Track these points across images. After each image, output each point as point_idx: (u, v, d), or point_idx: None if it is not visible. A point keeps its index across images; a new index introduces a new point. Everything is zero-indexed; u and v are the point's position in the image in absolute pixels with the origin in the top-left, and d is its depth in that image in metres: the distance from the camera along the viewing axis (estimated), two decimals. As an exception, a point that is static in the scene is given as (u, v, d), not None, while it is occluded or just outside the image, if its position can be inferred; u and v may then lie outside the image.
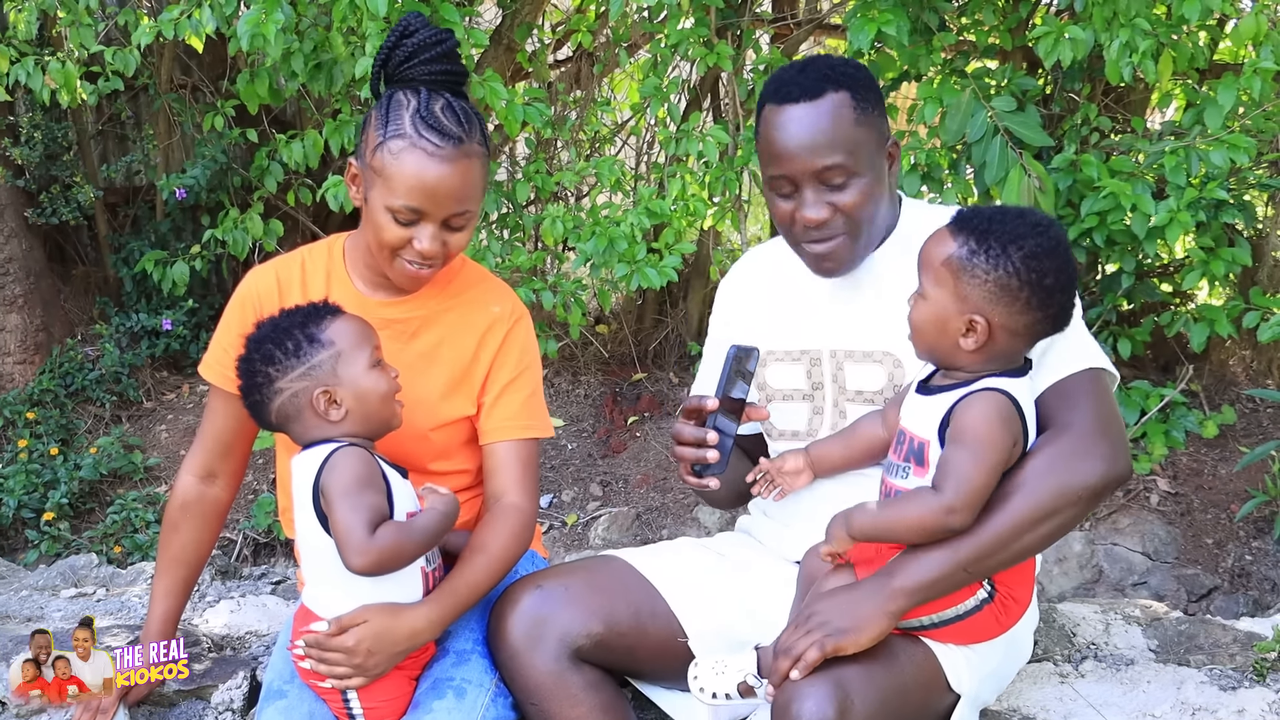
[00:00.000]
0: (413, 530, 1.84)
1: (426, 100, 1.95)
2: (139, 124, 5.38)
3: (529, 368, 2.16)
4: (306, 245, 2.25)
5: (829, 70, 1.96)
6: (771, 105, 1.97)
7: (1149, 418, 4.25)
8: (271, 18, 3.58)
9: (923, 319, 1.82)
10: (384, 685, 1.93)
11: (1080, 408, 1.85)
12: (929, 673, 1.86)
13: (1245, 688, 2.17)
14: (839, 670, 1.75)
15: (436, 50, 1.97)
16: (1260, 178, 4.18)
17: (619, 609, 1.99)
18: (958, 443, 1.77)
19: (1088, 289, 4.52)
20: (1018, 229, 1.77)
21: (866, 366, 2.05)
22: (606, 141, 5.32)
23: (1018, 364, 1.84)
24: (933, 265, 1.81)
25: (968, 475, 1.75)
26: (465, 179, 1.95)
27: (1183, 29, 3.57)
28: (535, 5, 4.73)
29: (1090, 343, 1.96)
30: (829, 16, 4.89)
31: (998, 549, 1.79)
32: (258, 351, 1.91)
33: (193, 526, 2.21)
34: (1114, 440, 1.84)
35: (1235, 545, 4.12)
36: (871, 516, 1.82)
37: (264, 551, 4.69)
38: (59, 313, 5.35)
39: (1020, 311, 1.77)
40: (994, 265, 1.75)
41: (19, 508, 4.64)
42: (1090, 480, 1.80)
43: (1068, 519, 1.81)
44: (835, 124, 1.93)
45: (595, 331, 5.29)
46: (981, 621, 1.87)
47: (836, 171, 1.93)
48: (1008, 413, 1.78)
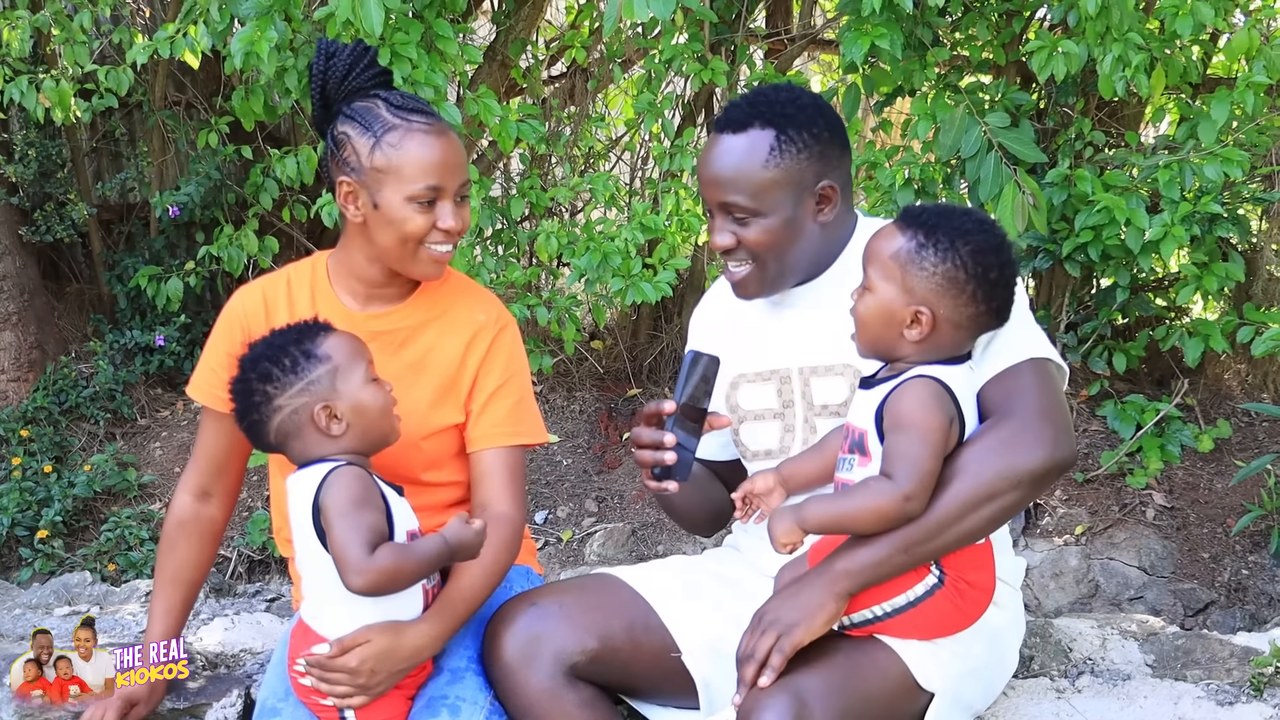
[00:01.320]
0: (412, 553, 1.83)
1: (387, 97, 2.03)
2: (133, 141, 5.37)
3: (515, 375, 2.17)
4: (292, 264, 2.26)
5: (768, 105, 1.98)
6: (712, 132, 2.02)
7: (1144, 432, 4.25)
8: (265, 36, 3.59)
9: (868, 311, 1.86)
10: (381, 704, 1.92)
11: (1022, 395, 1.86)
12: (894, 675, 1.86)
13: (1242, 703, 2.16)
14: (797, 679, 1.77)
15: (365, 59, 2.04)
16: (1254, 192, 4.19)
17: (614, 625, 1.99)
18: (898, 430, 1.80)
19: (1082, 303, 4.53)
20: (964, 225, 1.83)
21: (829, 380, 2.06)
22: (601, 157, 5.33)
23: (958, 356, 1.87)
24: (880, 258, 1.85)
25: (917, 459, 1.77)
26: (459, 149, 2.06)
27: (1175, 43, 3.58)
28: (529, 21, 4.74)
29: (1036, 335, 1.97)
30: (823, 31, 4.90)
31: (939, 531, 1.80)
32: (254, 370, 1.90)
33: (189, 545, 2.21)
34: (1057, 425, 1.84)
35: (1232, 560, 4.12)
36: (826, 508, 1.83)
37: (258, 569, 4.67)
38: (53, 330, 5.34)
39: (965, 304, 1.82)
40: (942, 258, 1.81)
41: (12, 525, 4.62)
42: (1032, 464, 1.80)
43: (1009, 503, 1.81)
44: (742, 162, 1.96)
45: (590, 347, 5.29)
46: (939, 609, 1.87)
47: (735, 208, 1.97)
48: (938, 394, 1.81)
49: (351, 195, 2.04)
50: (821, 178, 1.99)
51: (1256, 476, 4.14)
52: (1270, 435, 4.48)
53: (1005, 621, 2.03)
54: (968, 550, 1.86)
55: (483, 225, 4.33)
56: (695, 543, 4.48)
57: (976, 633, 1.93)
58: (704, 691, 2.01)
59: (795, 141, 1.96)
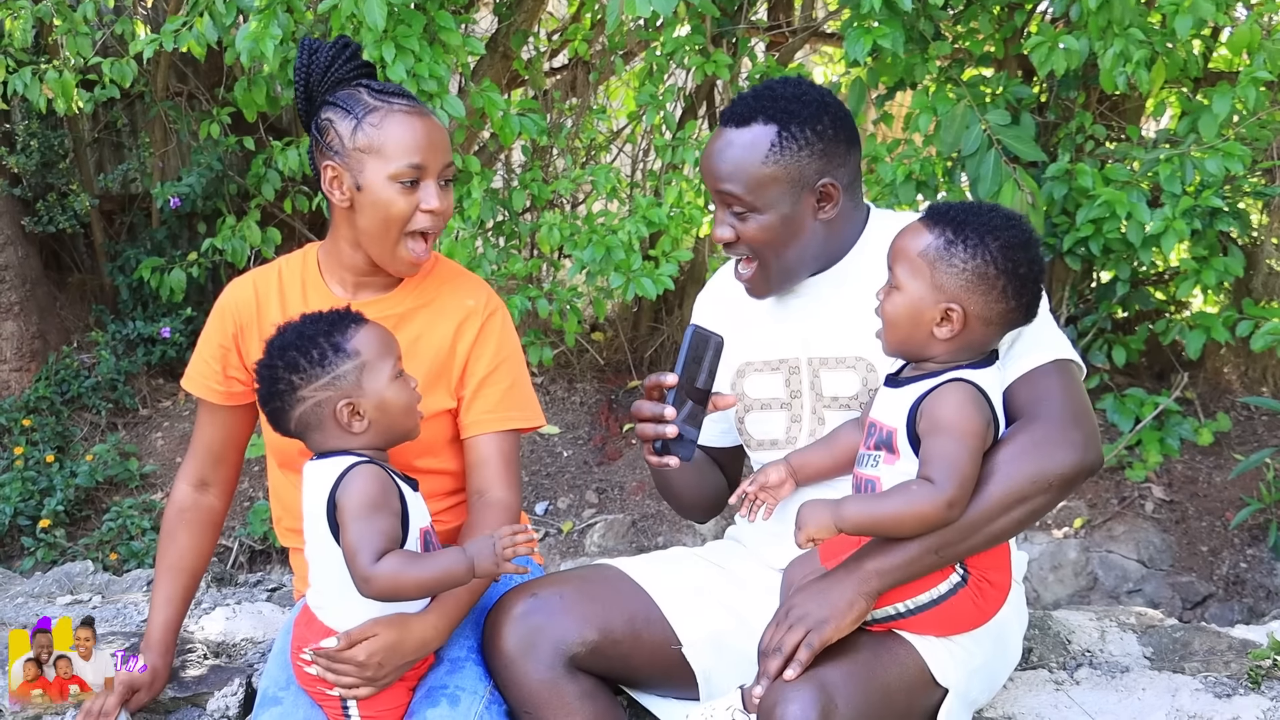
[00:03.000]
0: (415, 566, 1.81)
1: (368, 84, 2.06)
2: (135, 132, 5.38)
3: (506, 360, 2.17)
4: (284, 255, 2.28)
5: (773, 100, 1.97)
6: (718, 126, 2.02)
7: (1144, 425, 4.26)
8: (269, 31, 3.59)
9: (896, 310, 1.84)
10: (383, 695, 1.93)
11: (1051, 398, 1.87)
12: (912, 669, 1.86)
13: (1240, 695, 2.17)
14: (822, 672, 1.77)
15: (347, 53, 2.07)
16: (1255, 186, 4.19)
17: (614, 617, 1.99)
18: (939, 433, 1.78)
19: (1083, 297, 4.53)
20: (993, 221, 1.81)
21: (840, 372, 2.06)
22: (602, 149, 5.32)
23: (985, 355, 1.86)
24: (908, 256, 1.83)
25: (959, 464, 1.77)
26: (441, 130, 2.07)
27: (1177, 38, 3.58)
28: (531, 13, 4.74)
29: (1058, 335, 1.97)
30: (824, 24, 4.90)
31: (970, 533, 1.80)
32: (281, 358, 1.89)
33: (190, 534, 2.22)
34: (1086, 430, 1.85)
35: (1230, 553, 4.12)
36: (866, 509, 1.82)
37: (260, 559, 4.69)
38: (55, 320, 5.35)
39: (996, 300, 1.80)
40: (972, 254, 1.79)
41: (15, 515, 4.64)
42: (1063, 468, 1.81)
43: (1039, 505, 1.83)
44: (742, 156, 1.96)
45: (591, 339, 5.29)
46: (959, 607, 1.87)
47: (734, 201, 1.97)
48: (976, 398, 1.80)
49: (336, 180, 2.05)
50: (823, 175, 1.98)
51: (1255, 470, 4.15)
52: (1269, 429, 4.49)
53: (1009, 617, 2.04)
54: (991, 550, 1.86)
55: (484, 217, 4.33)
56: (696, 534, 4.49)
57: (987, 630, 1.94)
58: (704, 684, 2.02)
59: (797, 139, 1.95)
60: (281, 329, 1.93)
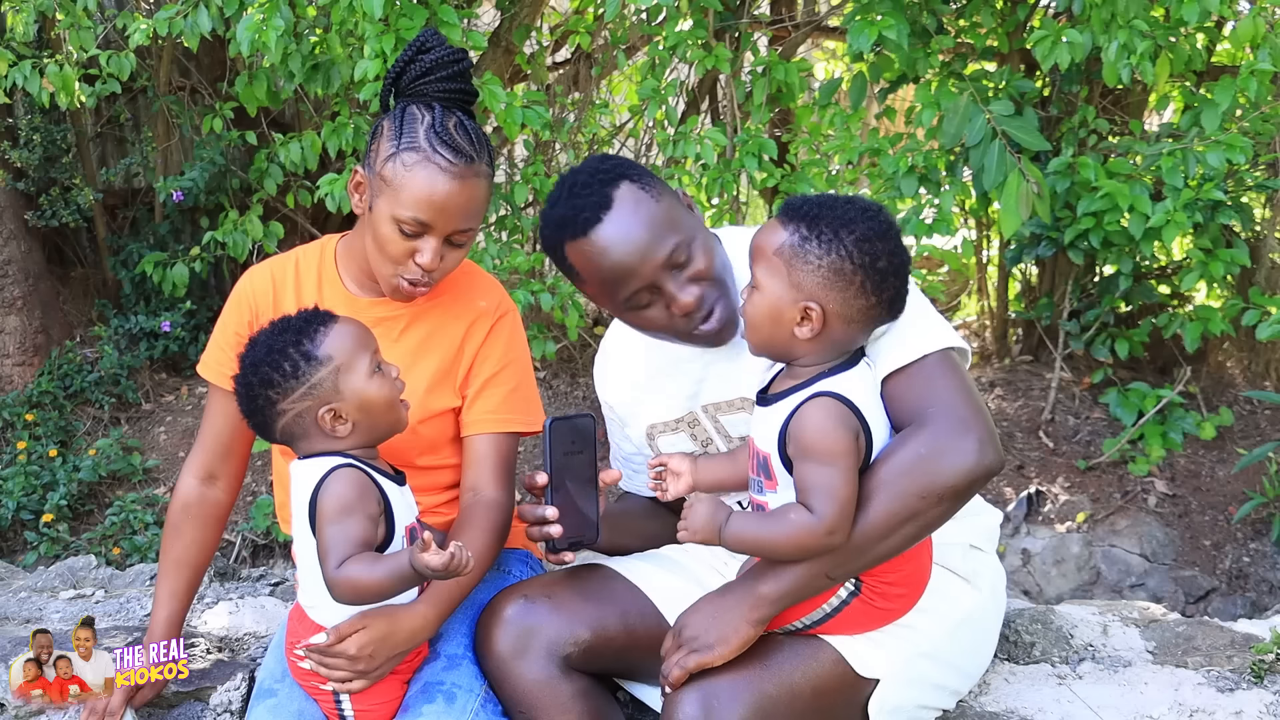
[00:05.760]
0: (371, 570, 1.78)
1: (441, 117, 1.96)
2: (138, 126, 5.37)
3: (513, 362, 2.17)
4: (302, 245, 2.26)
5: (591, 177, 1.93)
6: (573, 241, 1.92)
7: (1147, 419, 4.26)
8: (271, 24, 3.58)
9: (757, 311, 1.80)
10: (377, 688, 1.93)
11: (937, 400, 1.78)
12: (825, 666, 1.87)
13: (1243, 689, 2.17)
14: (708, 681, 1.81)
15: (452, 69, 1.99)
16: (1257, 179, 4.19)
17: (607, 615, 2.00)
18: (808, 459, 1.75)
19: (1085, 290, 4.53)
20: (848, 214, 1.76)
21: (735, 414, 2.05)
22: (605, 143, 5.32)
23: (851, 355, 1.82)
24: (765, 255, 1.79)
25: (833, 490, 1.73)
26: (472, 197, 1.98)
27: (1180, 31, 3.57)
28: (534, 7, 4.73)
29: (934, 322, 1.90)
30: (826, 19, 4.89)
31: (859, 555, 1.79)
32: (255, 374, 1.86)
33: (194, 528, 2.21)
34: (978, 432, 1.75)
35: (1233, 547, 4.13)
36: (750, 530, 1.81)
37: (262, 553, 4.69)
38: (58, 315, 5.35)
39: (855, 296, 1.76)
40: (826, 250, 1.74)
41: (18, 509, 4.64)
42: (954, 479, 1.74)
43: (932, 518, 1.78)
44: (649, 213, 1.90)
45: (593, 333, 5.29)
46: (858, 614, 1.87)
47: (679, 250, 1.90)
48: (842, 414, 1.75)
49: (359, 187, 2.05)
50: (676, 191, 1.98)
51: (1258, 464, 4.15)
52: (1272, 423, 4.49)
53: (978, 602, 2.03)
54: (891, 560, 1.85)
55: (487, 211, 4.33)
56: (698, 529, 4.48)
57: (938, 610, 1.93)
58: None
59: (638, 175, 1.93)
60: (251, 342, 1.90)
